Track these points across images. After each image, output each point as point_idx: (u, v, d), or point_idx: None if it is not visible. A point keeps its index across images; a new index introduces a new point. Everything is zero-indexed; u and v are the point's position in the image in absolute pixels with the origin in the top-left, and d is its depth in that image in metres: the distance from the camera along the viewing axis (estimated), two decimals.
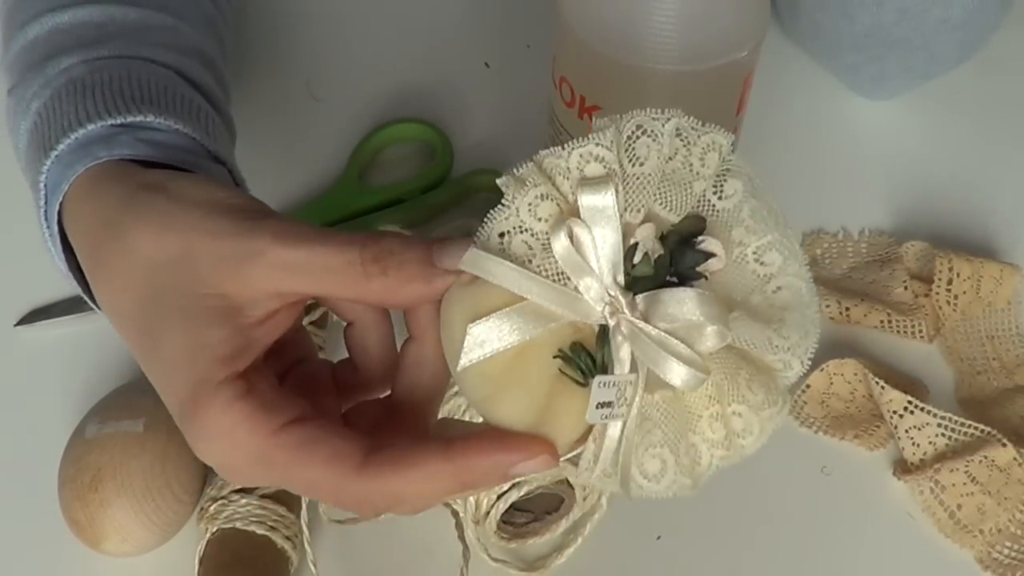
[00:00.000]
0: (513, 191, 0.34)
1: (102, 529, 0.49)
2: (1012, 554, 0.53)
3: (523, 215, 0.34)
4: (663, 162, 0.35)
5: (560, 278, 0.34)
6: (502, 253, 0.34)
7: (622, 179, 0.34)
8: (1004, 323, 0.62)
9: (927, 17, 0.65)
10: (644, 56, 0.43)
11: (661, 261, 0.35)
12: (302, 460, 0.35)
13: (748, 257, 0.36)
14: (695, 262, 0.35)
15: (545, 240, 0.34)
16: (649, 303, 0.34)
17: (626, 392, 0.35)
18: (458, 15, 0.78)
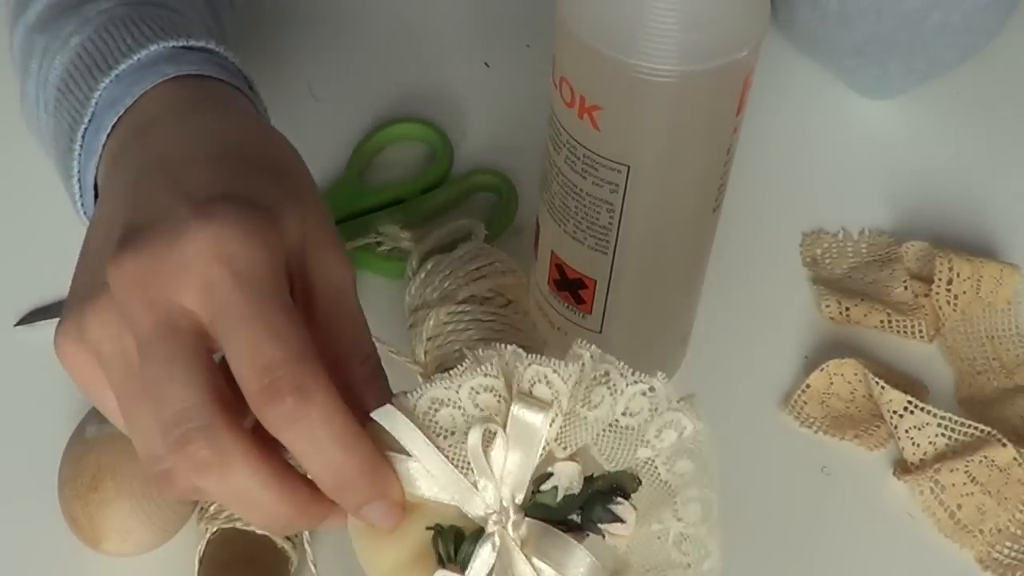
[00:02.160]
0: (467, 367, 0.34)
1: (102, 529, 0.49)
2: (1012, 554, 0.53)
3: (463, 393, 0.34)
4: (615, 415, 0.35)
5: (467, 467, 0.34)
6: (426, 418, 0.34)
7: (565, 413, 0.34)
8: (1004, 323, 0.62)
9: (926, 23, 0.65)
10: (644, 56, 0.43)
11: (570, 500, 0.35)
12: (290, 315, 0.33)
13: (668, 538, 0.36)
14: (600, 519, 0.35)
15: (470, 425, 0.34)
16: (537, 533, 0.34)
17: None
18: (458, 15, 0.78)
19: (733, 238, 0.65)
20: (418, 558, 0.35)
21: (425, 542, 0.35)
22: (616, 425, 0.35)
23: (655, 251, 0.51)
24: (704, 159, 0.48)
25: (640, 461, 0.36)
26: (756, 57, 0.46)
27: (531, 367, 0.34)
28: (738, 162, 0.52)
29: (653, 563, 0.36)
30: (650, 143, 0.46)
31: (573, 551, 0.34)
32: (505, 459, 0.34)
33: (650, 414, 0.35)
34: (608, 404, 0.35)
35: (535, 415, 0.34)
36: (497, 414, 0.34)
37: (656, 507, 0.36)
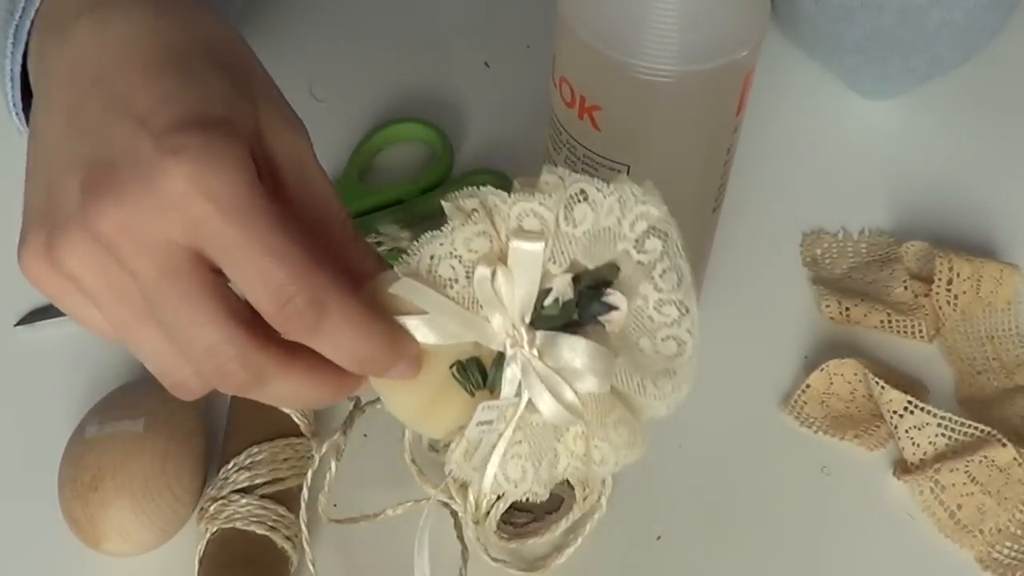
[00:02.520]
0: (455, 220, 0.37)
1: (102, 529, 0.49)
2: (1012, 554, 0.53)
3: (458, 244, 0.37)
4: (599, 224, 0.38)
5: (475, 304, 0.38)
6: (428, 273, 0.37)
7: (555, 236, 0.38)
8: (1004, 323, 0.62)
9: (928, 19, 0.65)
10: (644, 56, 0.43)
11: (568, 305, 0.39)
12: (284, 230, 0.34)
13: (649, 306, 0.40)
14: (598, 312, 0.39)
15: (471, 268, 0.37)
16: (546, 342, 0.38)
17: (506, 412, 0.39)
18: (458, 15, 0.78)
19: (733, 238, 0.65)
20: (444, 395, 0.39)
21: (447, 380, 0.39)
22: (597, 232, 0.38)
23: None
24: (704, 159, 0.48)
25: (618, 253, 0.39)
26: (756, 57, 0.46)
27: (516, 204, 0.37)
28: (738, 162, 0.52)
29: (640, 332, 0.40)
30: (650, 143, 0.46)
31: (580, 346, 0.38)
32: (512, 289, 0.37)
33: (621, 212, 0.38)
34: (590, 219, 0.38)
35: (532, 245, 0.37)
36: (491, 252, 0.38)
37: (638, 284, 0.40)
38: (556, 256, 0.38)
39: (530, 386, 0.38)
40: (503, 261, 0.37)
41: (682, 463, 0.57)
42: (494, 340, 0.38)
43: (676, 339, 0.41)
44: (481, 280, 0.37)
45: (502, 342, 0.38)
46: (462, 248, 0.37)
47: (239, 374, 0.35)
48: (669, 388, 0.41)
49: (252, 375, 0.35)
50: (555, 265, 0.38)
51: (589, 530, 0.52)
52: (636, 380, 0.40)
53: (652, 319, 0.40)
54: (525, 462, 0.40)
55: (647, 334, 0.40)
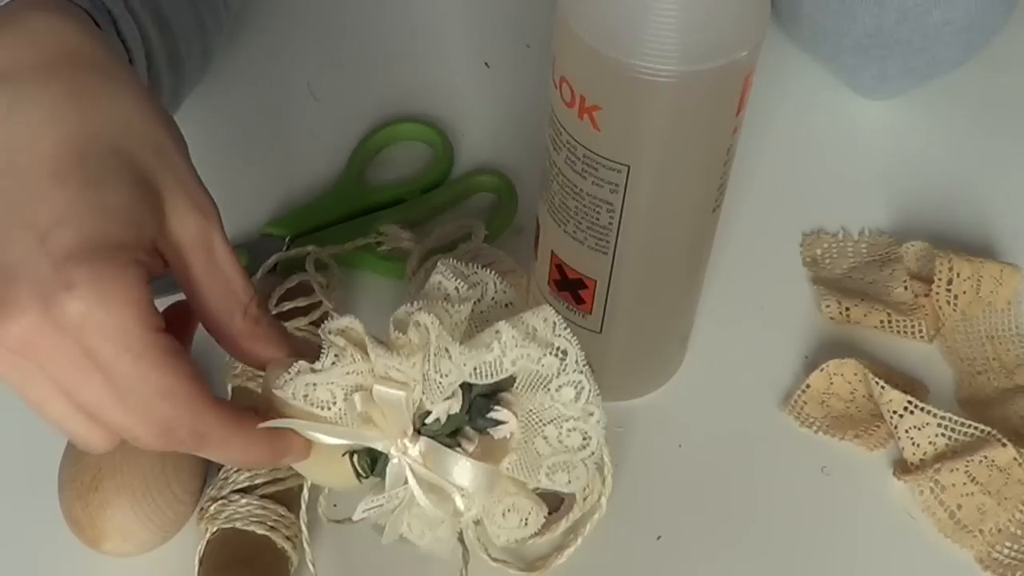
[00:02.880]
0: (328, 356, 0.39)
1: (102, 529, 0.49)
2: (1012, 554, 0.53)
3: (335, 375, 0.39)
4: (467, 372, 0.39)
5: (357, 420, 0.40)
6: (305, 398, 0.39)
7: (424, 382, 0.39)
8: (1004, 323, 0.62)
9: (928, 19, 0.65)
10: (644, 56, 0.43)
11: (453, 418, 0.40)
12: (171, 367, 0.36)
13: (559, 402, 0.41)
14: (484, 427, 0.41)
15: (348, 392, 0.39)
16: (431, 451, 0.40)
17: (395, 500, 0.41)
18: (458, 15, 0.78)
19: (733, 238, 0.65)
20: (340, 469, 0.42)
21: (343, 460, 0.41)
22: (467, 371, 0.39)
23: (655, 251, 0.51)
24: (704, 159, 0.48)
25: (507, 371, 0.40)
26: (756, 57, 0.46)
27: (379, 359, 0.39)
28: (738, 162, 0.52)
29: (548, 420, 0.41)
30: (650, 143, 0.46)
31: (459, 463, 0.40)
32: (386, 420, 0.40)
33: (501, 352, 0.39)
34: (456, 372, 0.39)
35: (397, 393, 0.39)
36: (364, 384, 0.39)
37: (535, 390, 0.41)
38: (430, 395, 0.39)
39: (414, 487, 0.41)
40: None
41: (682, 463, 0.57)
42: (379, 445, 0.40)
43: (581, 432, 0.42)
44: (355, 414, 0.40)
45: (387, 447, 0.40)
46: (338, 379, 0.39)
47: (186, 437, 0.38)
48: (565, 480, 0.42)
49: (196, 438, 0.38)
50: (429, 402, 0.40)
51: (589, 530, 0.52)
52: (532, 476, 0.42)
53: (559, 412, 0.41)
54: (422, 525, 0.43)
55: (554, 423, 0.41)
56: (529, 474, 0.42)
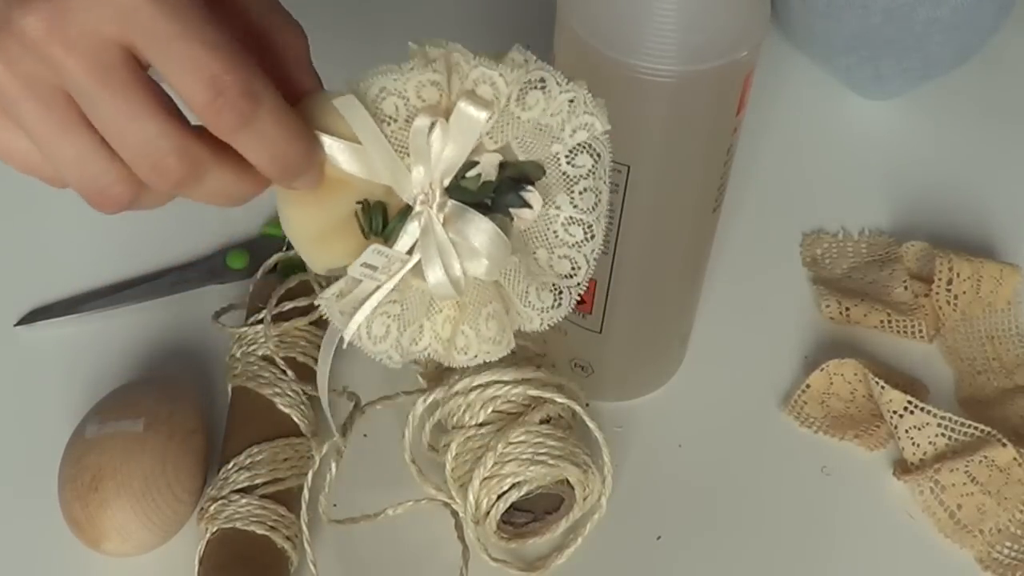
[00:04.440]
0: (416, 63, 0.37)
1: (102, 529, 0.49)
2: (1012, 554, 0.53)
3: (409, 87, 0.37)
4: (544, 117, 0.38)
5: (403, 151, 0.37)
6: (373, 104, 0.37)
7: (501, 112, 0.37)
8: (1004, 323, 0.62)
9: (914, 18, 0.65)
10: (644, 56, 0.43)
11: (486, 186, 0.39)
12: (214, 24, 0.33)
13: (558, 219, 0.40)
14: (512, 203, 0.39)
15: (413, 114, 0.37)
16: (455, 212, 0.38)
17: (394, 265, 0.39)
18: (458, 15, 0.78)
19: (733, 238, 0.65)
20: (341, 227, 0.38)
21: (350, 214, 0.38)
22: (541, 124, 0.38)
23: (655, 251, 0.51)
24: (704, 159, 0.48)
25: (550, 154, 0.39)
26: (756, 57, 0.46)
27: (478, 68, 0.37)
28: (738, 162, 0.52)
29: (544, 240, 0.40)
30: (650, 143, 0.46)
31: (485, 227, 0.39)
32: (444, 147, 0.37)
33: (568, 115, 0.38)
34: (540, 107, 0.38)
35: (479, 112, 0.37)
36: (438, 105, 0.37)
37: (554, 194, 0.40)
38: (495, 132, 0.38)
39: (425, 248, 0.38)
40: (445, 118, 0.37)
41: (682, 463, 0.57)
42: (407, 191, 0.38)
43: (572, 260, 0.41)
44: (418, 129, 0.37)
45: (414, 196, 0.38)
46: (412, 92, 0.37)
47: (177, 167, 0.34)
48: (550, 303, 0.41)
49: (189, 167, 0.35)
50: (491, 140, 0.38)
51: (589, 530, 0.52)
52: (523, 284, 0.40)
53: (556, 234, 0.40)
54: (391, 323, 0.40)
55: (546, 246, 0.40)
56: (523, 281, 0.40)
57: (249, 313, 0.57)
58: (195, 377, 0.58)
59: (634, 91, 0.44)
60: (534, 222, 0.40)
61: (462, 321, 0.41)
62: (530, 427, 0.50)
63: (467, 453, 0.51)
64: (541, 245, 0.40)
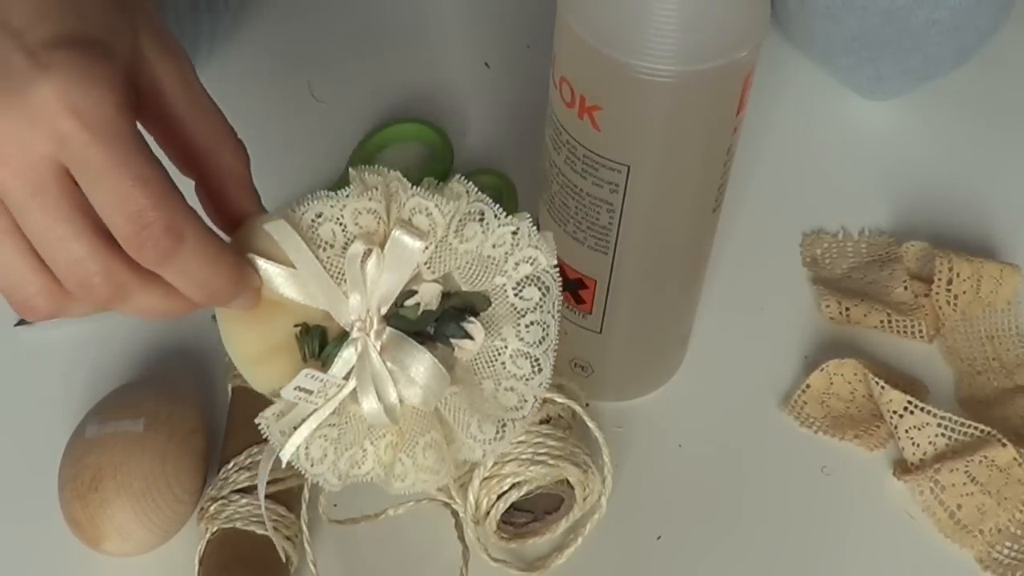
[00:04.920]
0: (353, 190, 0.37)
1: (102, 529, 0.49)
2: (1012, 554, 0.53)
3: (347, 212, 0.37)
4: (483, 248, 0.39)
5: (340, 277, 0.38)
6: (309, 230, 0.37)
7: (439, 242, 0.38)
8: (1004, 323, 0.62)
9: (913, 19, 0.65)
10: (644, 56, 0.43)
11: (427, 315, 0.40)
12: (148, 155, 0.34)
13: (505, 351, 0.41)
14: (453, 334, 0.40)
15: (350, 241, 0.37)
16: (393, 340, 0.39)
17: (329, 390, 0.39)
18: (458, 15, 0.78)
19: (733, 238, 0.65)
20: (281, 349, 0.39)
21: (290, 337, 0.39)
22: (480, 256, 0.39)
23: (655, 251, 0.51)
24: (704, 159, 0.48)
25: (495, 286, 0.40)
26: (756, 57, 0.46)
27: (414, 198, 0.37)
28: (738, 162, 0.52)
29: (491, 372, 0.41)
30: (650, 143, 0.46)
31: (423, 359, 0.39)
32: (380, 275, 0.38)
33: (511, 248, 0.39)
34: (479, 239, 0.38)
35: (414, 242, 0.37)
36: (374, 234, 0.38)
37: (500, 326, 0.41)
38: (433, 262, 0.38)
39: (360, 375, 0.39)
40: (382, 246, 0.38)
41: (682, 463, 0.57)
42: (344, 317, 0.38)
43: (518, 393, 0.41)
44: (352, 256, 0.37)
45: (351, 323, 0.38)
46: (349, 219, 0.37)
47: (102, 288, 0.35)
48: (492, 434, 0.41)
49: (114, 290, 0.35)
50: (429, 270, 0.39)
51: (589, 530, 0.52)
52: (464, 416, 0.41)
53: (504, 365, 0.41)
54: (328, 446, 0.40)
55: (493, 378, 0.41)
56: (464, 413, 0.41)
57: None
58: (195, 377, 0.58)
59: (634, 91, 0.44)
60: (480, 353, 0.41)
61: (400, 449, 0.41)
62: (530, 427, 0.50)
63: None
64: (488, 376, 0.41)
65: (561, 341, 0.56)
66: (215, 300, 0.37)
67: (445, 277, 0.40)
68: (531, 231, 0.39)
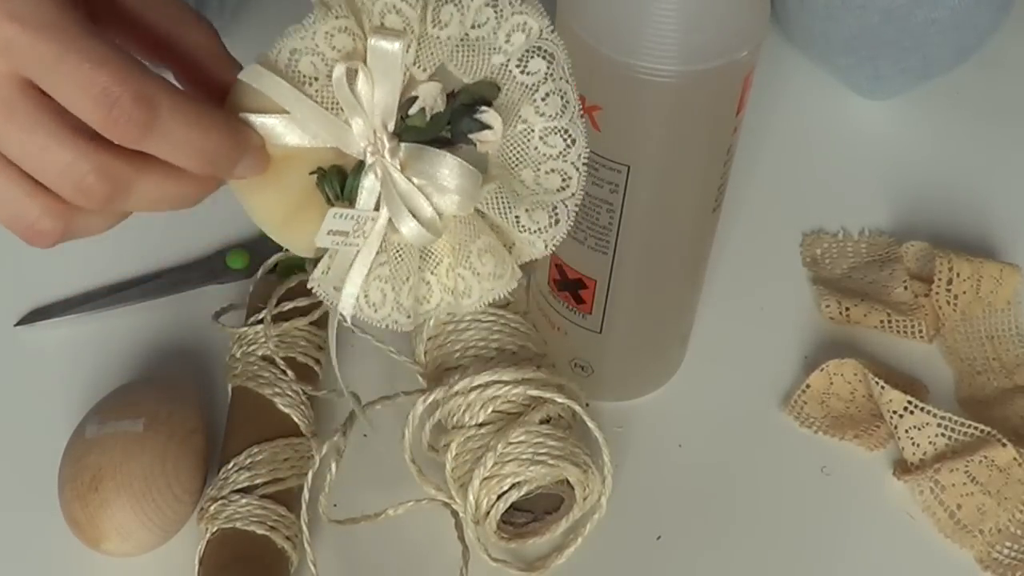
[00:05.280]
0: (317, 14, 0.35)
1: (102, 529, 0.49)
2: (1012, 554, 0.53)
3: (319, 39, 0.35)
4: (465, 29, 0.36)
5: (337, 107, 0.36)
6: (288, 69, 0.35)
7: (418, 37, 0.36)
8: (1004, 323, 0.62)
9: (912, 19, 0.65)
10: (644, 56, 0.43)
11: (438, 118, 0.37)
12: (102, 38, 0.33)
13: (534, 133, 0.38)
14: (470, 129, 0.38)
15: (332, 68, 0.35)
16: (411, 155, 0.37)
17: (364, 226, 0.37)
18: None
19: (733, 238, 0.65)
20: (306, 202, 0.37)
21: (310, 187, 0.37)
22: (467, 39, 0.37)
23: (655, 251, 0.51)
24: (704, 159, 0.48)
25: (495, 67, 0.38)
26: (756, 57, 0.46)
27: (379, 1, 0.35)
28: (738, 162, 0.52)
29: (525, 159, 0.39)
30: (650, 143, 0.46)
31: (445, 161, 0.37)
32: (373, 91, 0.36)
33: (496, 22, 0.37)
34: (457, 20, 0.36)
35: (391, 43, 0.35)
36: (355, 52, 0.36)
37: (518, 108, 0.38)
38: (421, 60, 0.36)
39: (388, 199, 0.37)
40: (366, 62, 0.36)
41: (682, 463, 0.57)
42: (353, 146, 0.37)
43: (561, 173, 0.39)
44: (338, 80, 0.35)
45: (362, 149, 0.37)
46: (324, 44, 0.35)
47: (99, 186, 0.34)
48: (546, 222, 0.39)
49: (111, 184, 0.34)
50: (420, 70, 0.37)
51: (589, 530, 0.52)
52: (511, 210, 0.38)
53: (537, 148, 0.39)
54: (385, 285, 0.39)
55: (531, 165, 0.39)
56: (508, 206, 0.39)
57: (249, 313, 0.57)
58: (195, 377, 0.58)
59: (634, 91, 0.44)
60: (508, 142, 0.38)
61: (455, 264, 0.39)
62: (530, 427, 0.50)
63: (467, 453, 0.51)
64: (525, 164, 0.39)
65: (561, 341, 0.56)
66: (217, 167, 0.36)
67: (444, 76, 0.37)
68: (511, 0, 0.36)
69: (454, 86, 0.38)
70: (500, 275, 0.39)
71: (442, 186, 0.37)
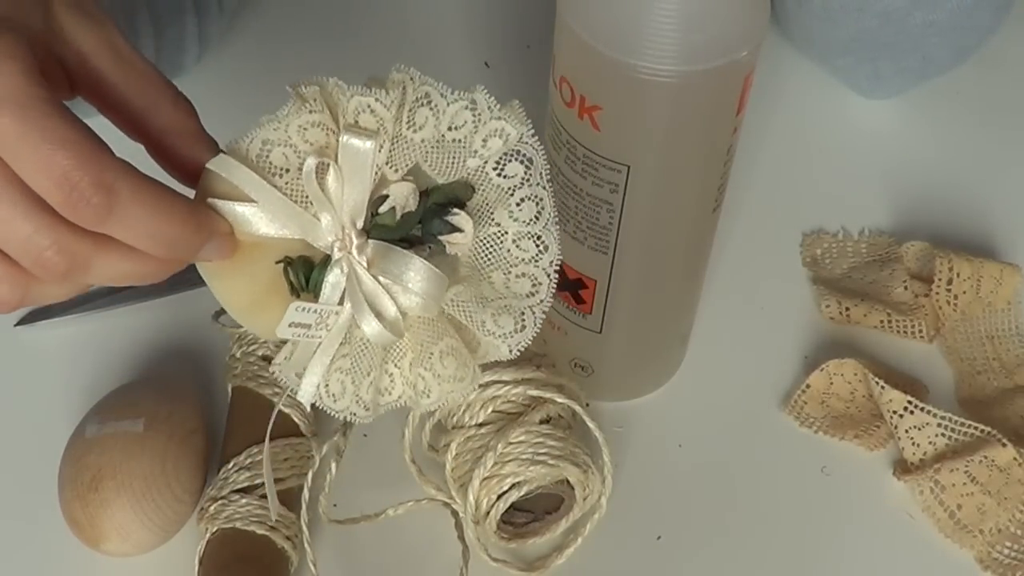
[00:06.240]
0: (292, 107, 0.36)
1: (102, 529, 0.49)
2: (1012, 554, 0.53)
3: (292, 132, 0.35)
4: (441, 131, 0.37)
5: (305, 200, 0.36)
6: (259, 159, 0.35)
7: (392, 138, 0.36)
8: (1004, 323, 0.62)
9: (910, 21, 0.65)
10: (644, 56, 0.43)
11: (408, 217, 0.37)
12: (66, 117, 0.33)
13: (507, 237, 0.38)
14: (440, 231, 0.38)
15: (303, 162, 0.36)
16: (378, 253, 0.37)
17: (327, 319, 0.37)
18: (458, 15, 0.78)
19: (733, 238, 0.65)
20: (272, 291, 0.37)
21: (277, 276, 0.37)
22: (443, 141, 0.37)
23: (655, 251, 0.51)
24: (704, 159, 0.48)
25: (471, 169, 0.38)
26: (756, 57, 0.46)
27: (354, 99, 0.36)
28: (738, 162, 0.52)
29: (496, 262, 0.39)
30: (650, 143, 0.46)
31: (413, 264, 0.37)
32: (343, 187, 0.36)
33: (474, 126, 0.37)
34: (432, 124, 0.36)
35: (363, 142, 0.35)
36: (327, 147, 0.36)
37: (492, 210, 0.38)
38: (393, 160, 0.36)
39: (352, 295, 0.37)
40: (338, 158, 0.36)
41: (682, 463, 0.57)
42: (321, 240, 0.37)
43: (531, 278, 0.39)
44: (308, 173, 0.35)
45: (329, 243, 0.37)
46: (296, 137, 0.35)
47: (57, 261, 0.34)
48: (512, 327, 0.39)
49: (70, 260, 0.35)
50: (392, 170, 0.37)
51: (589, 530, 0.52)
52: (476, 314, 0.38)
53: (510, 252, 0.39)
54: (345, 377, 0.39)
55: (501, 268, 0.39)
56: (475, 310, 0.38)
57: None
58: (195, 377, 0.58)
59: (634, 91, 0.44)
60: (481, 244, 0.39)
61: (417, 364, 0.39)
62: (530, 427, 0.50)
63: (467, 453, 0.51)
64: (495, 267, 0.39)
65: (561, 341, 0.56)
66: (177, 251, 0.36)
67: (418, 174, 0.37)
68: (490, 102, 0.37)
69: (428, 184, 0.38)
70: (461, 378, 0.39)
71: (408, 288, 0.37)
